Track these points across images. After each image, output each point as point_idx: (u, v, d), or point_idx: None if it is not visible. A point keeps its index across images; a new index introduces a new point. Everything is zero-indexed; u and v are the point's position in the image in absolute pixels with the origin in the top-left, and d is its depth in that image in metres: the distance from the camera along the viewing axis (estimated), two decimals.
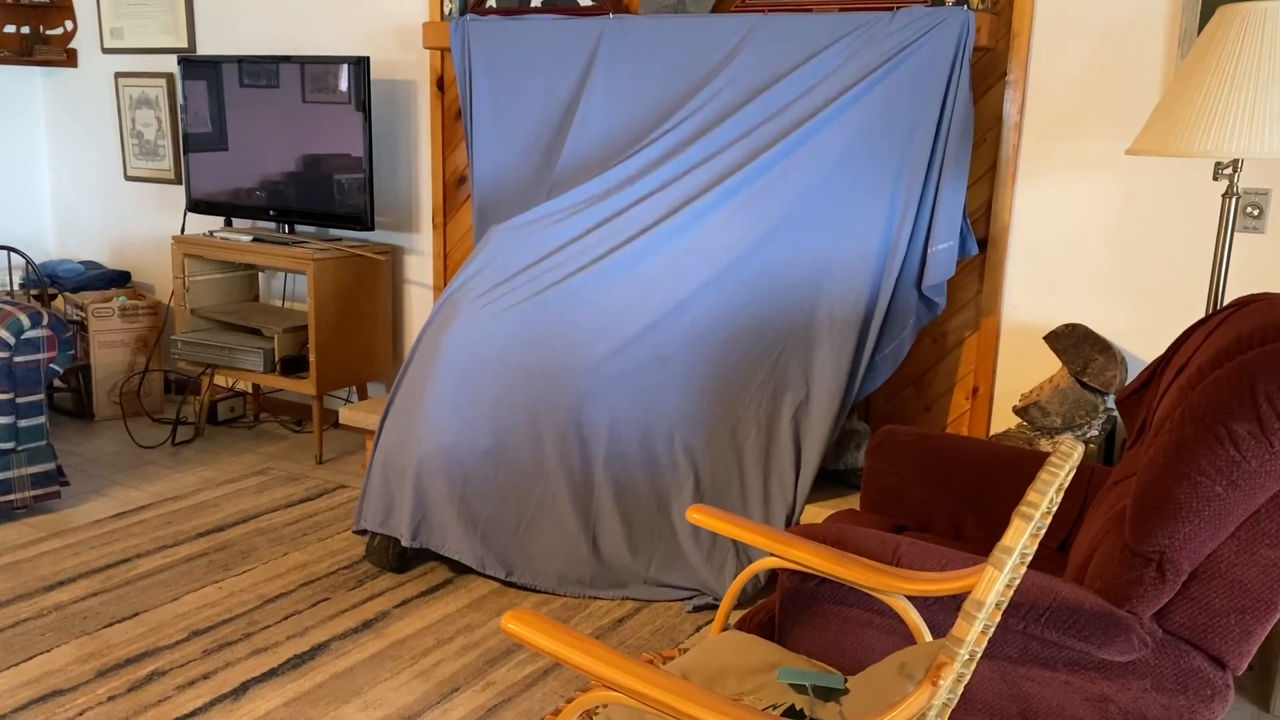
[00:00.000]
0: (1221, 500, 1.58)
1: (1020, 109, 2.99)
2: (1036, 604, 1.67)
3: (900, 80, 2.88)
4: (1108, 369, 2.76)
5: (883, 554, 1.79)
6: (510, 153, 3.50)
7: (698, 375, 3.00)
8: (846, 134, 2.91)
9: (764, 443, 2.94)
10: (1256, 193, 2.73)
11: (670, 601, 2.88)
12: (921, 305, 2.98)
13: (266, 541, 3.21)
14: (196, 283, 4.22)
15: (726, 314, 2.99)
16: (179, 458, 4.00)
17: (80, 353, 4.39)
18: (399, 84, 3.99)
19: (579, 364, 2.97)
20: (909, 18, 2.87)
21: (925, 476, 2.38)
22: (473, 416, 2.94)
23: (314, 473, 3.86)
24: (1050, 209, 3.00)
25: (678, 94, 3.19)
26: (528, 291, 3.02)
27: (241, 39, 4.33)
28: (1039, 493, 1.21)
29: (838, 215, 2.96)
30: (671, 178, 3.07)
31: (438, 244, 4.00)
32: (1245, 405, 1.56)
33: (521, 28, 3.41)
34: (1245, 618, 1.63)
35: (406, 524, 2.91)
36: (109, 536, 3.23)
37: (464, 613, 2.79)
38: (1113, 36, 2.84)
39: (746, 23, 3.08)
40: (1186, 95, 2.27)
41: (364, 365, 4.05)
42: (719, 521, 1.79)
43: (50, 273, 4.65)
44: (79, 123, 4.90)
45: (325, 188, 3.94)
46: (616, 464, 2.95)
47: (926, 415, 3.26)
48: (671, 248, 3.02)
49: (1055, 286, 3.03)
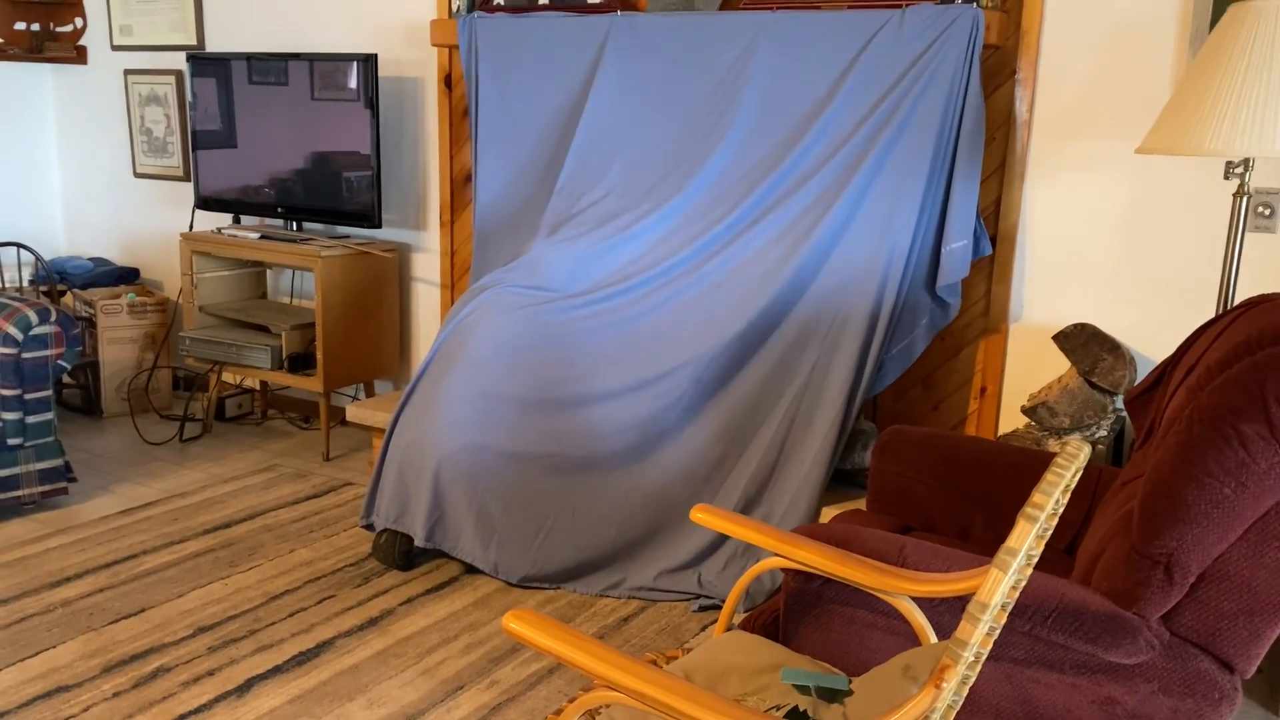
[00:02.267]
0: (1230, 502, 1.57)
1: (1030, 107, 2.97)
2: (1043, 606, 1.66)
3: (915, 88, 2.87)
4: (1116, 369, 2.74)
5: (888, 554, 1.78)
6: (516, 149, 3.50)
7: (722, 383, 3.00)
8: (873, 148, 2.91)
9: (779, 443, 2.93)
10: (1268, 192, 2.71)
11: (676, 600, 2.87)
12: (935, 306, 2.97)
13: (273, 538, 3.22)
14: (205, 280, 4.23)
15: (757, 325, 2.98)
16: (186, 454, 4.01)
17: (89, 349, 4.40)
18: (407, 81, 3.99)
19: (608, 375, 2.97)
20: (919, 16, 2.86)
21: (932, 476, 2.37)
22: (498, 419, 2.93)
23: (321, 470, 3.86)
24: (1060, 208, 2.99)
25: (694, 97, 3.17)
26: (567, 305, 3.04)
27: (250, 36, 4.34)
28: (1044, 494, 1.20)
29: (858, 219, 2.95)
30: (720, 205, 3.09)
31: (445, 242, 4.00)
32: (1254, 406, 1.55)
33: (529, 25, 3.40)
34: (1254, 620, 1.61)
35: (422, 523, 2.91)
36: (116, 533, 3.23)
37: (469, 611, 2.79)
38: (1123, 34, 2.83)
39: (755, 21, 3.07)
40: (1197, 94, 2.25)
41: (371, 362, 4.05)
42: (724, 521, 1.79)
43: (59, 269, 4.66)
44: (88, 120, 4.91)
45: (333, 185, 3.94)
46: (637, 468, 2.94)
47: (935, 415, 3.24)
48: (712, 274, 3.06)
49: (1064, 286, 3.01)
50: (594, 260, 3.16)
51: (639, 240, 3.16)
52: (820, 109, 2.98)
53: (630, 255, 3.15)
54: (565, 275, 3.16)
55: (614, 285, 3.11)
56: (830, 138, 2.97)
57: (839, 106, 2.96)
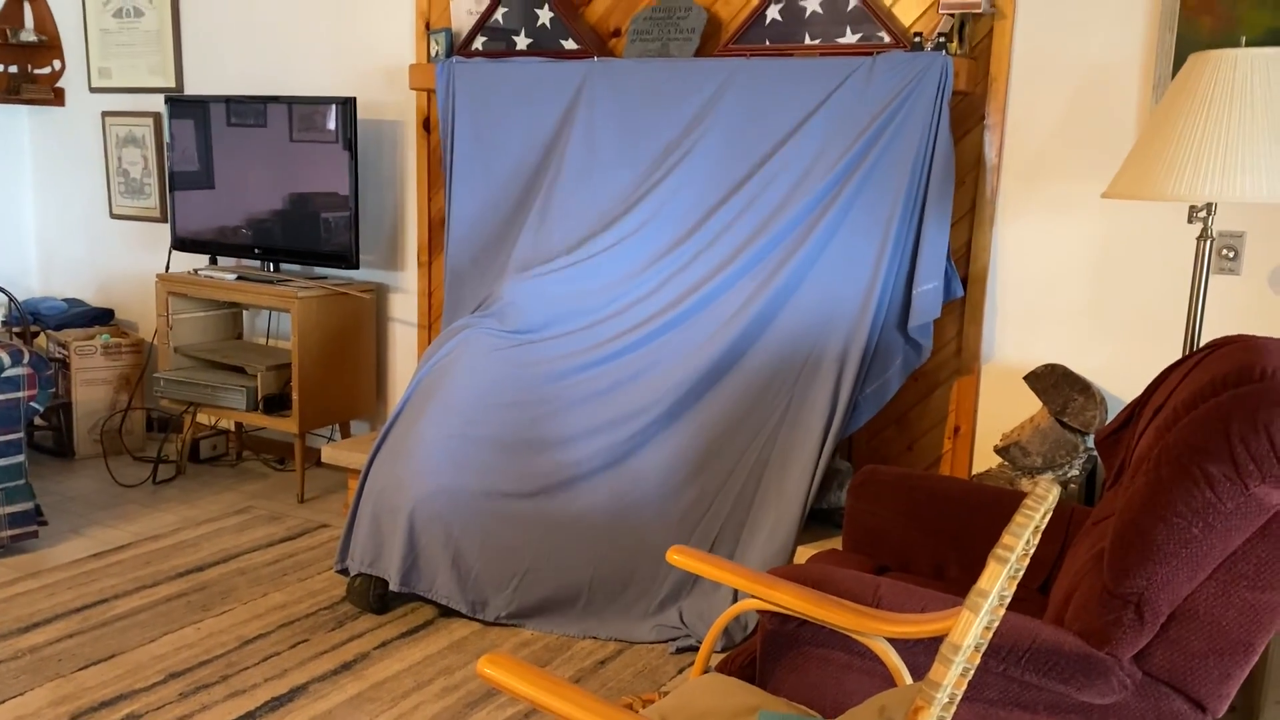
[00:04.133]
0: (1198, 542, 1.59)
1: (999, 151, 3.03)
2: (1016, 646, 1.67)
3: (887, 131, 2.92)
4: (1087, 409, 2.77)
5: (863, 595, 1.79)
6: (490, 190, 3.53)
7: (694, 422, 3.01)
8: (843, 191, 2.96)
9: (755, 483, 2.94)
10: (1231, 235, 2.76)
11: (654, 643, 2.86)
12: (909, 347, 3.01)
13: (246, 581, 3.18)
14: (180, 320, 4.22)
15: (725, 362, 3.01)
16: (159, 496, 3.97)
17: (61, 390, 4.37)
18: (386, 124, 4.02)
19: (583, 414, 2.99)
20: (889, 63, 2.91)
21: (907, 516, 2.39)
22: (474, 461, 2.93)
23: (296, 512, 3.83)
24: (1029, 250, 3.04)
25: (663, 136, 3.23)
26: (540, 347, 3.07)
27: (230, 79, 4.36)
28: (1014, 535, 1.21)
29: (827, 260, 3.00)
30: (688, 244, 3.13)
31: (423, 282, 4.01)
32: (1220, 447, 1.57)
33: (507, 70, 3.44)
34: (1224, 660, 1.63)
35: (397, 567, 2.89)
36: (86, 577, 3.19)
37: (444, 654, 2.77)
38: (1088, 81, 2.89)
39: (729, 67, 3.12)
40: (1160, 140, 2.30)
41: (347, 403, 4.04)
42: (699, 562, 1.79)
43: (33, 310, 4.63)
44: (65, 161, 4.91)
45: (311, 226, 3.95)
46: (612, 508, 2.94)
47: (909, 454, 3.27)
48: (684, 315, 3.09)
49: (1035, 326, 3.06)
50: (564, 301, 3.18)
51: (608, 279, 3.18)
52: (785, 147, 3.03)
53: (602, 296, 3.18)
54: (537, 317, 3.18)
55: (586, 327, 3.13)
56: (797, 177, 3.02)
57: (806, 146, 3.01)
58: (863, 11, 3.03)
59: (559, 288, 3.19)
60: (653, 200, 3.19)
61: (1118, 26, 2.83)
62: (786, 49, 3.14)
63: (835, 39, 3.08)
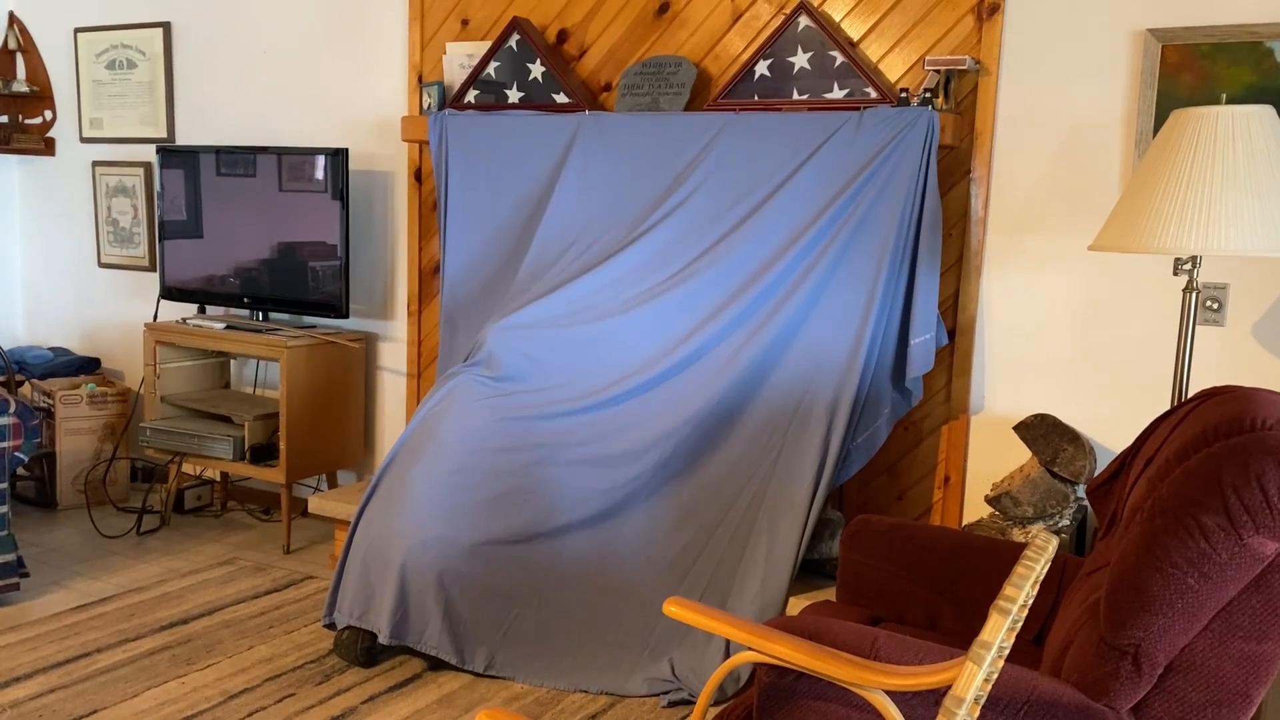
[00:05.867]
0: (1194, 592, 1.59)
1: (985, 204, 3.07)
2: (1015, 698, 1.67)
3: (874, 183, 2.97)
4: (1077, 459, 2.79)
5: (860, 647, 1.78)
6: (483, 239, 3.56)
7: (685, 472, 3.02)
8: (832, 243, 2.99)
9: (746, 532, 2.93)
10: (1215, 287, 2.80)
11: (645, 696, 2.83)
12: (897, 396, 3.03)
13: (231, 634, 3.14)
14: (167, 369, 4.20)
15: (716, 412, 3.02)
16: (143, 548, 3.92)
17: (46, 440, 4.33)
18: (377, 175, 4.05)
19: (573, 462, 2.98)
20: (877, 118, 2.96)
21: (900, 567, 2.38)
22: (465, 510, 2.92)
23: (282, 563, 3.79)
24: (1017, 301, 3.07)
25: (653, 188, 3.26)
26: (530, 397, 3.07)
27: (222, 130, 4.39)
28: (1016, 587, 1.22)
29: (817, 310, 3.02)
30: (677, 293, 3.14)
31: (412, 331, 4.01)
32: (1213, 498, 1.59)
33: (499, 122, 3.48)
34: (1222, 711, 1.63)
35: (387, 619, 2.85)
36: (68, 630, 3.14)
37: (433, 708, 2.73)
38: (1072, 136, 2.95)
39: (718, 121, 3.17)
40: (1144, 194, 2.34)
41: (335, 453, 4.02)
42: (696, 615, 1.78)
43: (18, 359, 4.60)
44: (54, 210, 4.91)
45: (300, 275, 3.95)
46: (604, 557, 2.93)
47: (899, 504, 3.27)
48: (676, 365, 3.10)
49: (1023, 377, 3.08)
50: (553, 350, 3.18)
51: (597, 329, 3.19)
52: (774, 198, 3.06)
53: (591, 346, 3.18)
54: (523, 365, 3.17)
55: (576, 376, 3.13)
56: (787, 229, 3.05)
57: (794, 198, 3.04)
58: (849, 68, 3.09)
59: (546, 335, 3.20)
60: (641, 249, 3.21)
61: (1100, 83, 2.89)
62: (774, 104, 3.19)
63: (822, 94, 3.13)
